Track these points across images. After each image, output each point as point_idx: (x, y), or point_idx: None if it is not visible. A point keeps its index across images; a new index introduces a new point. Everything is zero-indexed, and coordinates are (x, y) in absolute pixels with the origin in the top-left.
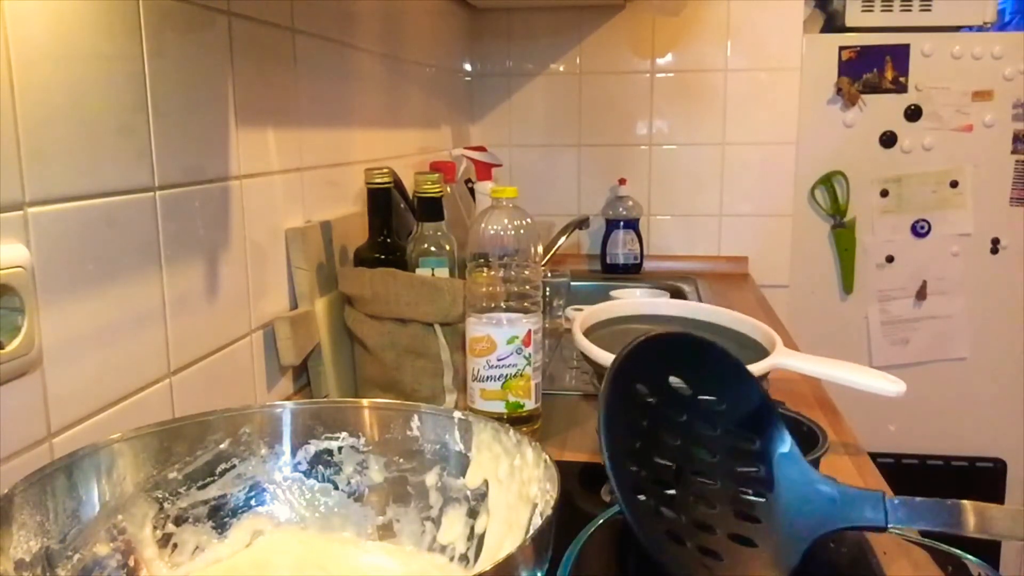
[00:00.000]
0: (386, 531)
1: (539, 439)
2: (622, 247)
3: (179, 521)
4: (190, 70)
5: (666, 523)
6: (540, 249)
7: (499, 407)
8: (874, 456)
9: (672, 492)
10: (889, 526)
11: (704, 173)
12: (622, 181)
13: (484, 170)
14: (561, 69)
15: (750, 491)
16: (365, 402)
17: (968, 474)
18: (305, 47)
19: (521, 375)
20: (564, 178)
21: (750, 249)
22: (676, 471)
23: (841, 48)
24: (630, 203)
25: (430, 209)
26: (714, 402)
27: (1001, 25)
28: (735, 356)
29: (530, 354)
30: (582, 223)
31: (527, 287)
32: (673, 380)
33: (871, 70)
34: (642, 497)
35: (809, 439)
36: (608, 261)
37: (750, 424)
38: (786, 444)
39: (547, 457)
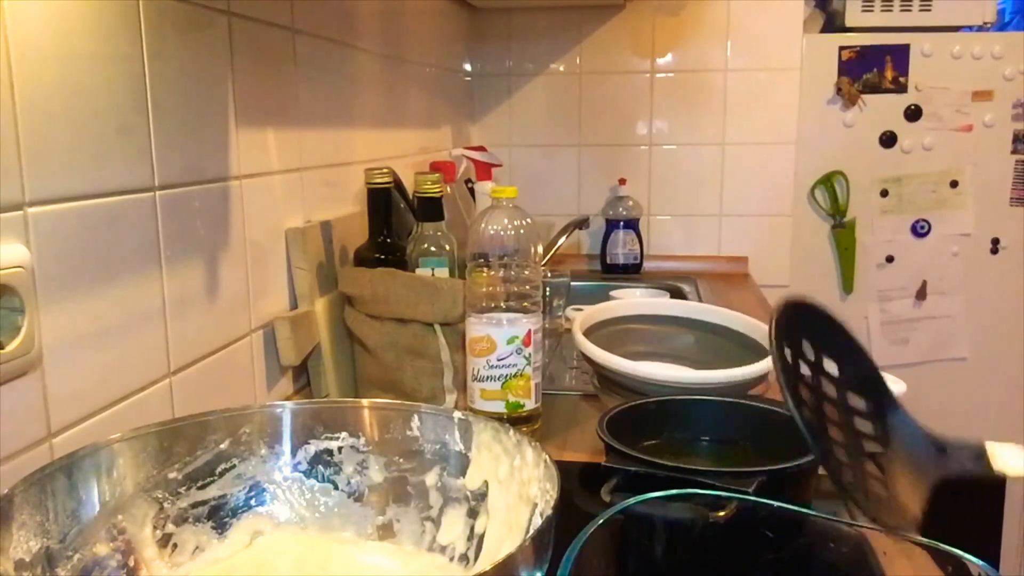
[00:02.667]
0: (386, 531)
1: (539, 439)
2: (622, 247)
3: (179, 521)
4: (190, 70)
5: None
6: (540, 249)
7: (499, 407)
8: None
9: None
10: (993, 472)
11: (704, 173)
12: (622, 181)
13: (484, 170)
14: (561, 69)
15: (870, 442)
16: (365, 402)
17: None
18: (305, 47)
19: (521, 375)
20: (564, 178)
21: (750, 249)
22: (817, 421)
23: (841, 48)
24: (630, 203)
25: (430, 209)
26: (832, 366)
27: (1001, 25)
28: (850, 330)
29: (530, 354)
30: (582, 223)
31: (527, 287)
32: (805, 345)
33: (871, 70)
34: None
35: None
36: (608, 261)
37: (862, 388)
38: (897, 406)
39: (547, 457)
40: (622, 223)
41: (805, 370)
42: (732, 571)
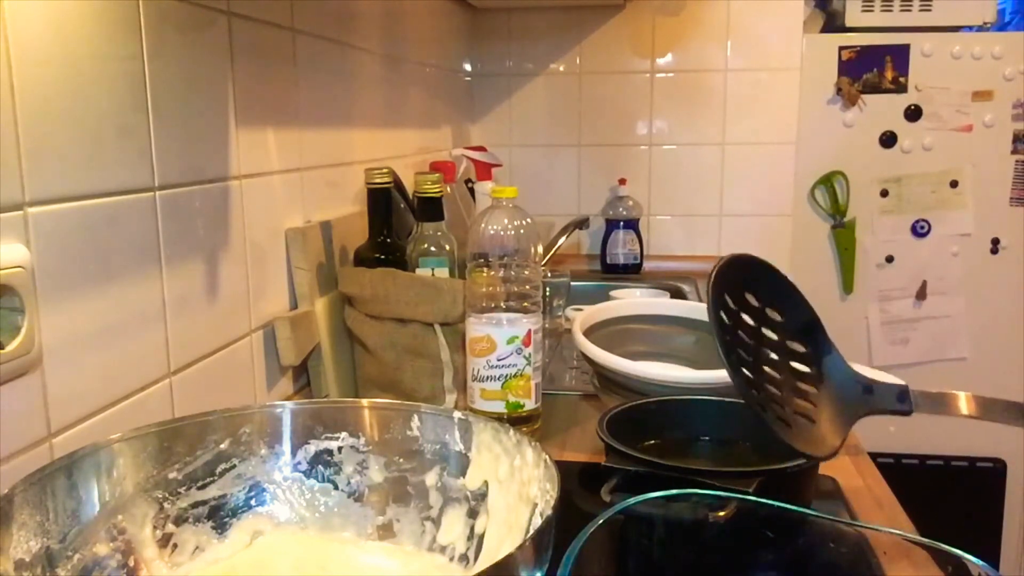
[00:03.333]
0: (386, 531)
1: (539, 439)
2: (622, 247)
3: (179, 521)
4: (190, 70)
5: (755, 387)
6: (540, 249)
7: (499, 407)
8: (874, 456)
9: (750, 376)
10: (913, 411)
11: (704, 173)
12: (622, 181)
13: (484, 170)
14: (561, 69)
15: (805, 382)
16: (365, 402)
17: (968, 474)
18: (305, 47)
19: (521, 375)
20: (564, 178)
21: (750, 249)
22: (752, 364)
23: (841, 48)
24: (630, 203)
25: (430, 209)
26: (776, 315)
27: (1001, 25)
28: (791, 282)
29: (530, 354)
30: (582, 223)
31: (527, 287)
32: (748, 296)
33: (871, 70)
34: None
35: None
36: (608, 261)
37: (803, 334)
38: (832, 351)
39: (547, 457)
40: (622, 223)
41: (748, 319)
42: (732, 571)
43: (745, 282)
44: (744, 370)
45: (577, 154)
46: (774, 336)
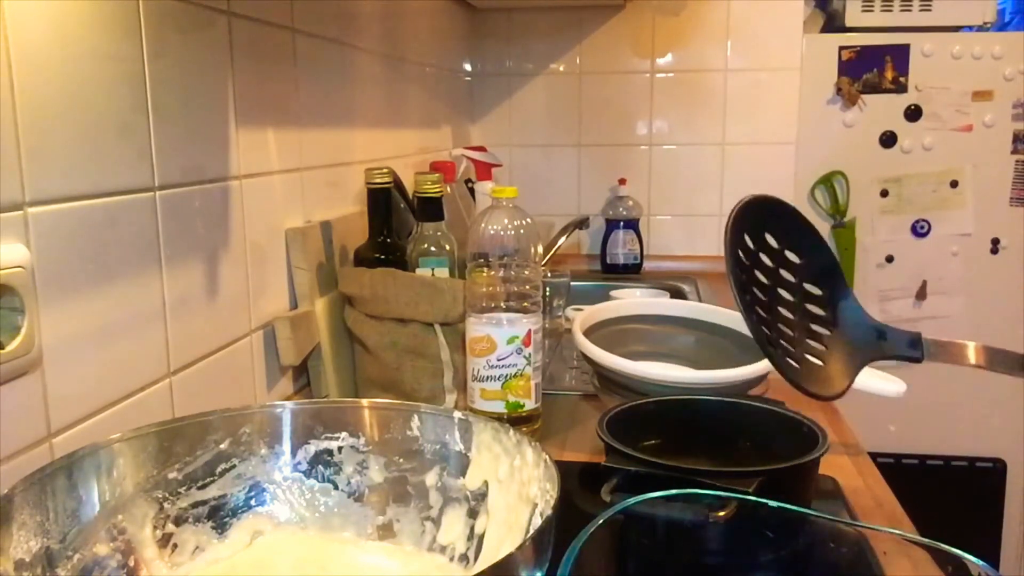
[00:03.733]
0: (386, 531)
1: (539, 439)
2: (622, 247)
3: (179, 521)
4: (190, 70)
5: (767, 329)
6: (540, 249)
7: (499, 407)
8: (874, 456)
9: (764, 316)
10: (924, 358)
11: (704, 173)
12: (622, 181)
13: (484, 170)
14: (561, 69)
15: (818, 325)
16: (365, 402)
17: (968, 474)
18: (305, 47)
19: (521, 375)
20: (564, 178)
21: None
22: (767, 303)
23: (841, 48)
24: (630, 203)
25: (430, 209)
26: (795, 258)
27: (1001, 25)
28: (813, 226)
29: (530, 354)
30: (582, 223)
31: (527, 287)
32: (768, 237)
33: (871, 70)
34: (761, 314)
35: (809, 439)
36: (608, 261)
37: (820, 278)
38: (848, 296)
39: (547, 457)
40: (622, 223)
41: (766, 259)
42: (732, 571)
43: (766, 223)
44: (758, 309)
45: (577, 154)
46: (792, 278)
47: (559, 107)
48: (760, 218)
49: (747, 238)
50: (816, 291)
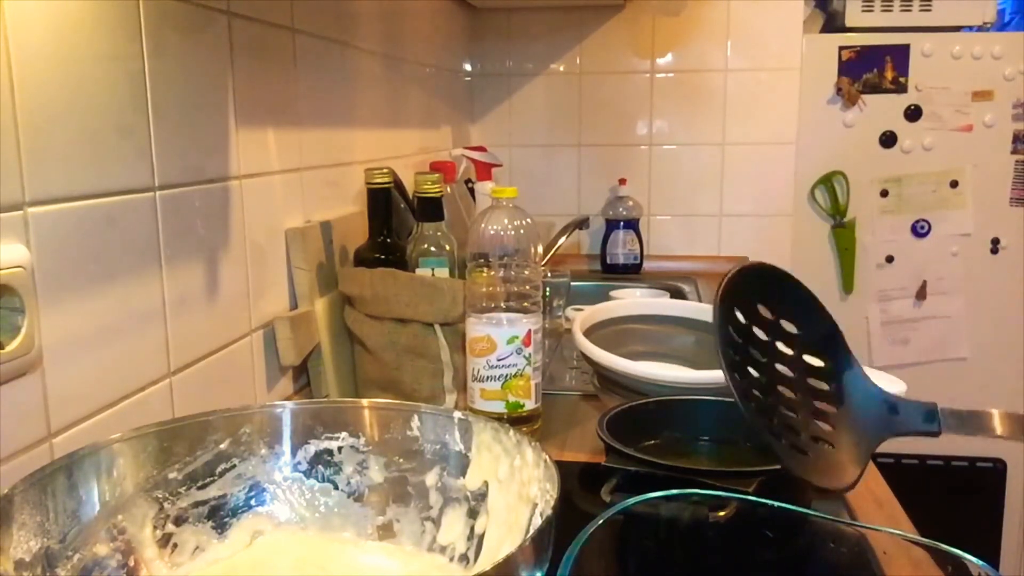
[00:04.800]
0: (386, 531)
1: (539, 439)
2: (622, 247)
3: (179, 521)
4: (190, 70)
5: (766, 414)
6: (540, 249)
7: (499, 407)
8: (874, 456)
9: (762, 397)
10: (942, 432)
11: (704, 173)
12: (622, 181)
13: (484, 170)
14: (561, 69)
15: (823, 401)
16: (365, 402)
17: (968, 475)
18: (305, 47)
19: (521, 375)
20: (564, 178)
21: (750, 249)
22: (765, 383)
23: (841, 48)
24: (630, 203)
25: (430, 209)
26: (792, 327)
27: (1001, 25)
28: (809, 290)
29: (530, 354)
30: (582, 223)
31: (527, 287)
32: (761, 308)
33: (871, 70)
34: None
35: None
36: (608, 261)
37: (821, 348)
38: (853, 366)
39: (547, 457)
40: (622, 223)
41: (760, 333)
42: (732, 571)
43: (758, 293)
44: (755, 392)
45: (577, 154)
46: (789, 351)
47: (559, 107)
48: (751, 288)
49: (738, 313)
50: (818, 363)
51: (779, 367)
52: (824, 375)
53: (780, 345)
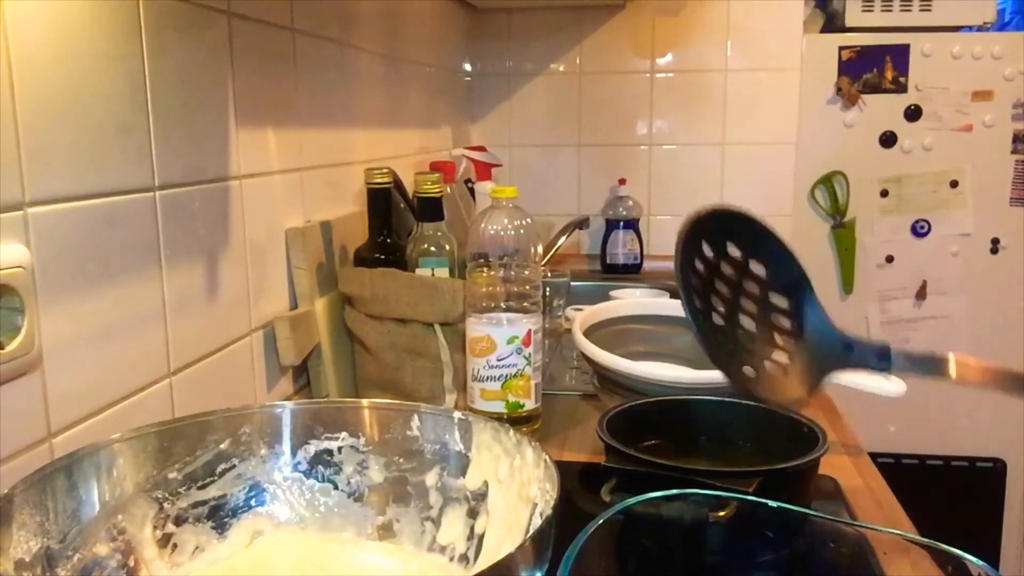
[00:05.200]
0: (386, 531)
1: (539, 439)
2: (622, 247)
3: (179, 521)
4: (190, 70)
5: (721, 338)
6: (540, 249)
7: (499, 407)
8: (874, 456)
9: (721, 323)
10: (892, 371)
11: (704, 173)
12: (622, 181)
13: (484, 170)
14: (561, 69)
15: (783, 336)
16: (365, 402)
17: (968, 474)
18: (305, 47)
19: (521, 375)
20: (564, 178)
21: None
22: (726, 314)
23: (841, 48)
24: (630, 203)
25: (430, 209)
26: (760, 269)
27: (1001, 25)
28: (782, 238)
29: (530, 354)
30: (582, 223)
31: (527, 287)
32: (730, 246)
33: (871, 70)
34: (717, 321)
35: (809, 439)
36: (608, 261)
37: (787, 288)
38: (816, 307)
39: (547, 457)
40: (622, 223)
41: (728, 269)
42: (732, 571)
43: (728, 232)
44: (714, 316)
45: (577, 154)
46: (756, 290)
47: (559, 107)
48: (723, 226)
49: (705, 246)
50: (782, 303)
51: (744, 301)
52: (787, 314)
53: (747, 283)
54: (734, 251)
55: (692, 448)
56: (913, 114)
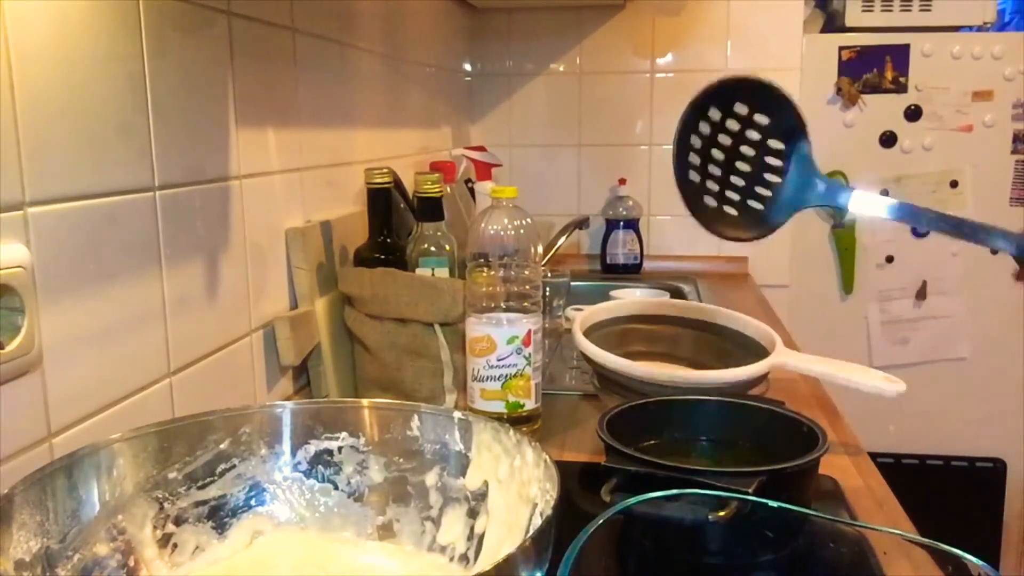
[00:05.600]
0: (386, 531)
1: (539, 439)
2: (622, 247)
3: (179, 521)
4: (190, 70)
5: (704, 190)
6: (540, 249)
7: (499, 407)
8: (874, 456)
9: (717, 172)
10: (850, 211)
11: None
12: (622, 181)
13: (484, 170)
14: (561, 69)
15: (773, 174)
16: (365, 402)
17: (968, 474)
18: (305, 47)
19: (521, 375)
20: (564, 178)
21: (750, 249)
22: (725, 161)
23: (841, 48)
24: (630, 203)
25: (430, 209)
26: (764, 118)
27: (1001, 25)
28: (784, 90)
29: (530, 354)
30: (582, 223)
31: (527, 287)
32: (737, 105)
33: (871, 70)
34: (695, 178)
35: (809, 439)
36: (608, 261)
37: (783, 134)
38: (803, 149)
39: (547, 457)
40: (622, 223)
41: (733, 124)
42: (732, 571)
43: (739, 93)
44: (710, 167)
45: (577, 154)
46: (757, 136)
47: (559, 107)
48: (734, 90)
49: (713, 110)
50: (779, 145)
51: (743, 148)
52: (780, 154)
53: (749, 132)
54: (741, 108)
55: (692, 448)
56: (913, 114)
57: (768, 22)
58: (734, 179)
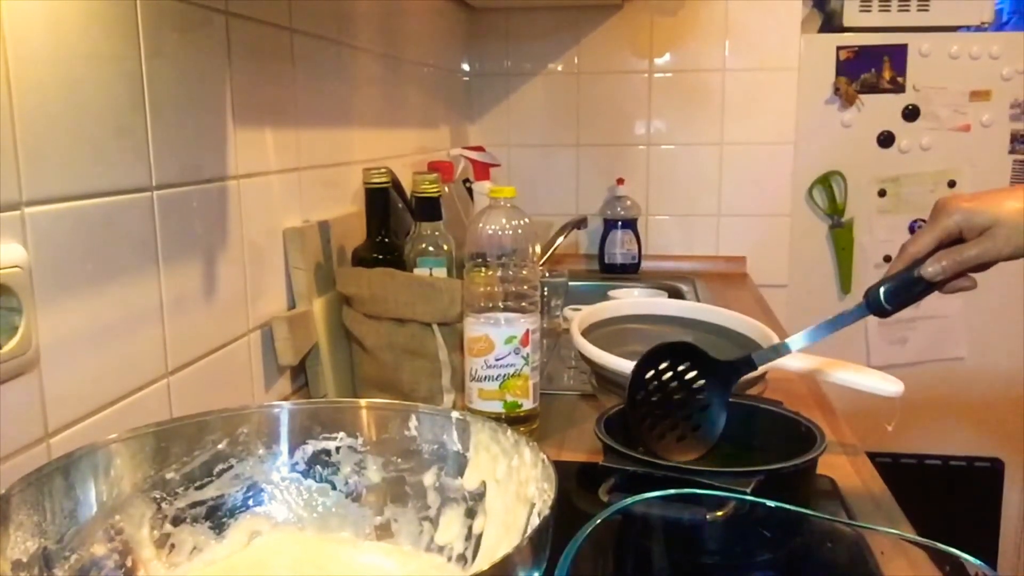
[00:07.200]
0: (384, 531)
1: (537, 439)
2: (620, 247)
3: (177, 521)
4: (188, 70)
5: (650, 427)
6: (538, 249)
7: (497, 407)
8: (872, 456)
9: (660, 412)
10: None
11: (702, 173)
12: (620, 181)
13: (482, 170)
14: (559, 69)
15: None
16: (363, 402)
17: (966, 474)
18: (303, 47)
19: (519, 375)
20: (562, 178)
21: (748, 249)
22: (679, 402)
23: (839, 48)
24: (628, 203)
25: (428, 209)
26: (693, 372)
27: (999, 25)
28: (704, 352)
29: (528, 354)
30: (580, 223)
31: (525, 287)
32: (682, 367)
33: (869, 70)
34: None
35: (807, 439)
36: (606, 261)
37: (710, 378)
38: (728, 385)
39: (545, 457)
40: (620, 223)
41: (669, 373)
42: (730, 571)
43: (673, 354)
44: (654, 401)
45: (575, 154)
46: (685, 381)
47: (557, 107)
48: (670, 350)
49: (662, 363)
50: (701, 382)
51: (690, 398)
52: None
53: (689, 375)
54: (689, 370)
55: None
56: (911, 114)
57: (766, 22)
58: (681, 424)
